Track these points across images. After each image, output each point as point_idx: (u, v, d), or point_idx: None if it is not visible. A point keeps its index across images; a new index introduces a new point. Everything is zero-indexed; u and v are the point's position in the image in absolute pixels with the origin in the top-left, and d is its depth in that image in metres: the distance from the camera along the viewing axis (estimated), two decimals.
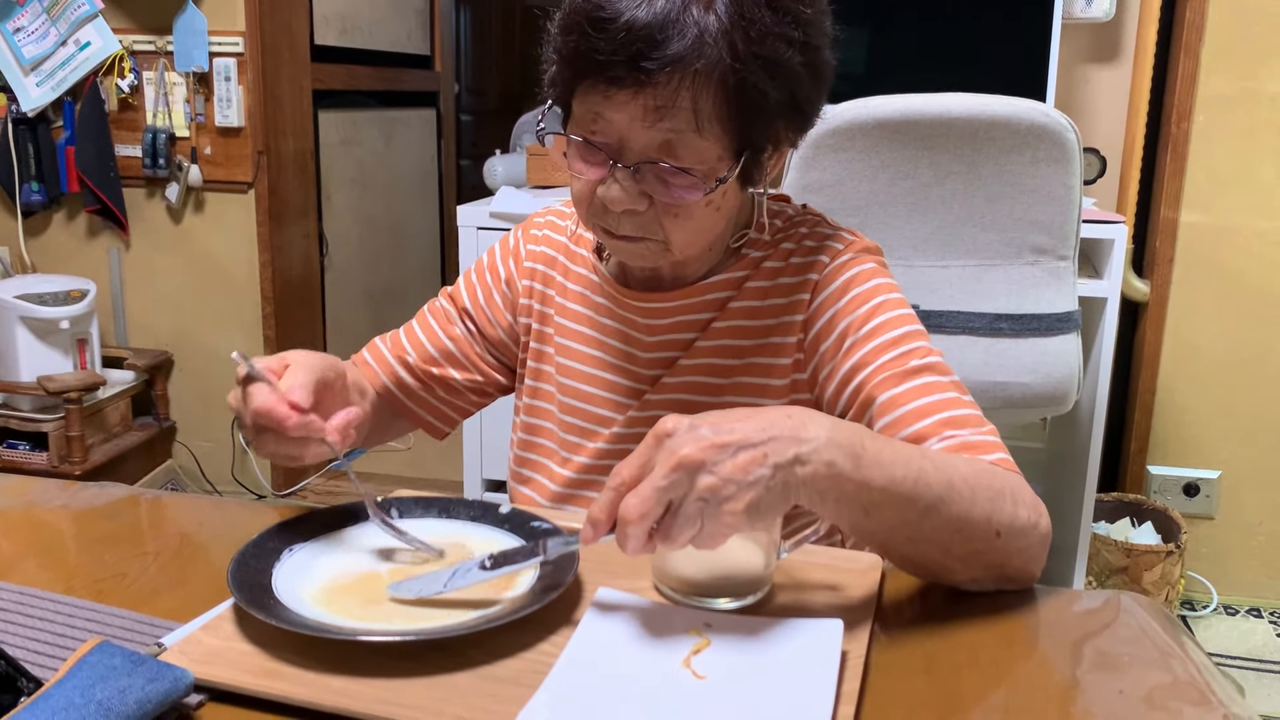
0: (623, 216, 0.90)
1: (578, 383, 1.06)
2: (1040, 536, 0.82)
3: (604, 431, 1.05)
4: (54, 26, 2.85)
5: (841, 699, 0.65)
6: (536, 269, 1.10)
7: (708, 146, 0.86)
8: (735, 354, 1.00)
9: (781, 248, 1.01)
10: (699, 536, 0.69)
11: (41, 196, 2.95)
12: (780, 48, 0.84)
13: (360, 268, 3.79)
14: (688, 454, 0.68)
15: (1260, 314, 2.41)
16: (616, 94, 0.84)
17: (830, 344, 0.96)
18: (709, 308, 1.01)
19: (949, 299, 1.76)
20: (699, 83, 0.83)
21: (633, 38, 0.81)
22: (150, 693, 0.62)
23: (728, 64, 0.82)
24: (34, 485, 1.06)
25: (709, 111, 0.84)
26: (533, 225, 1.14)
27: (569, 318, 1.07)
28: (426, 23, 4.27)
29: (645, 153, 0.87)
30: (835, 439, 0.72)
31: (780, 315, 0.99)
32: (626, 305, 1.03)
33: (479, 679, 0.68)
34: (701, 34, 0.81)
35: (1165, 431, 2.52)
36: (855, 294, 0.96)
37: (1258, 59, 2.32)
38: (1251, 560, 2.53)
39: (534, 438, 1.11)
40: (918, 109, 1.65)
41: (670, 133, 0.85)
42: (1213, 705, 0.68)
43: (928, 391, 0.89)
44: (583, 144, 0.89)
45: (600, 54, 0.82)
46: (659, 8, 0.81)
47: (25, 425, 2.74)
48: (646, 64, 0.81)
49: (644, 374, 1.03)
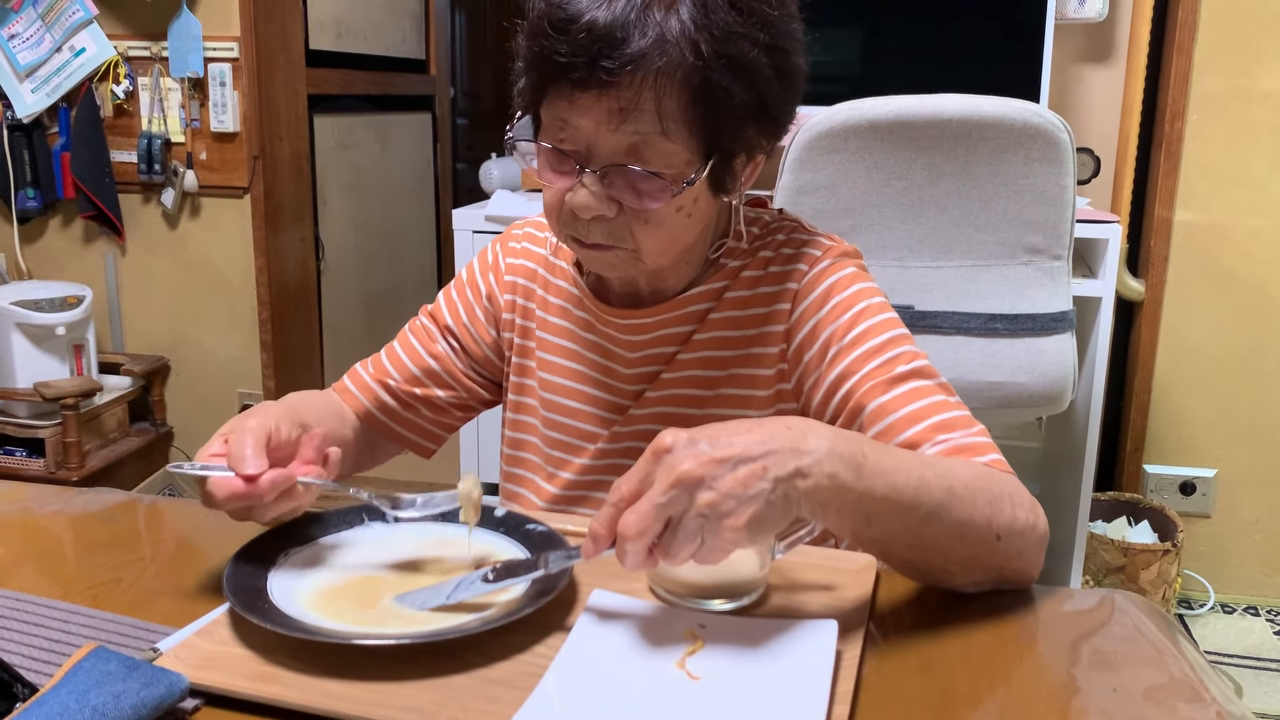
0: (592, 224, 0.89)
1: (561, 398, 1.05)
2: (1038, 537, 0.82)
3: (589, 447, 1.04)
4: (49, 33, 2.85)
5: (836, 699, 0.65)
6: (518, 283, 1.09)
7: (675, 150, 0.85)
8: (718, 365, 1.00)
9: (759, 256, 1.00)
10: (700, 552, 0.68)
11: (37, 202, 2.95)
12: (745, 48, 0.84)
13: (356, 272, 3.79)
14: (686, 470, 0.67)
15: (1255, 312, 2.42)
16: (580, 97, 0.84)
17: (814, 353, 0.95)
18: (689, 320, 1.00)
19: (944, 299, 1.77)
20: (661, 83, 0.82)
21: (593, 38, 0.81)
22: (146, 698, 0.63)
23: (691, 63, 0.82)
24: (30, 491, 1.06)
25: (674, 113, 0.84)
26: (510, 238, 1.12)
27: (551, 332, 1.06)
28: (422, 27, 4.27)
29: (613, 157, 0.86)
30: (837, 450, 0.72)
31: (761, 325, 0.99)
32: (607, 321, 1.02)
33: (474, 681, 0.68)
34: (663, 33, 0.81)
35: (1161, 430, 2.53)
36: (837, 301, 0.95)
37: (1250, 57, 2.33)
38: (1248, 558, 2.53)
39: (520, 453, 1.10)
40: (911, 110, 1.66)
41: (636, 135, 0.84)
42: (1206, 703, 0.68)
43: (916, 397, 0.89)
44: (551, 152, 0.88)
45: (562, 55, 0.82)
46: (619, 9, 0.81)
47: (22, 431, 2.74)
48: (607, 63, 0.81)
49: (627, 389, 1.03)
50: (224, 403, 3.08)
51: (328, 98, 3.47)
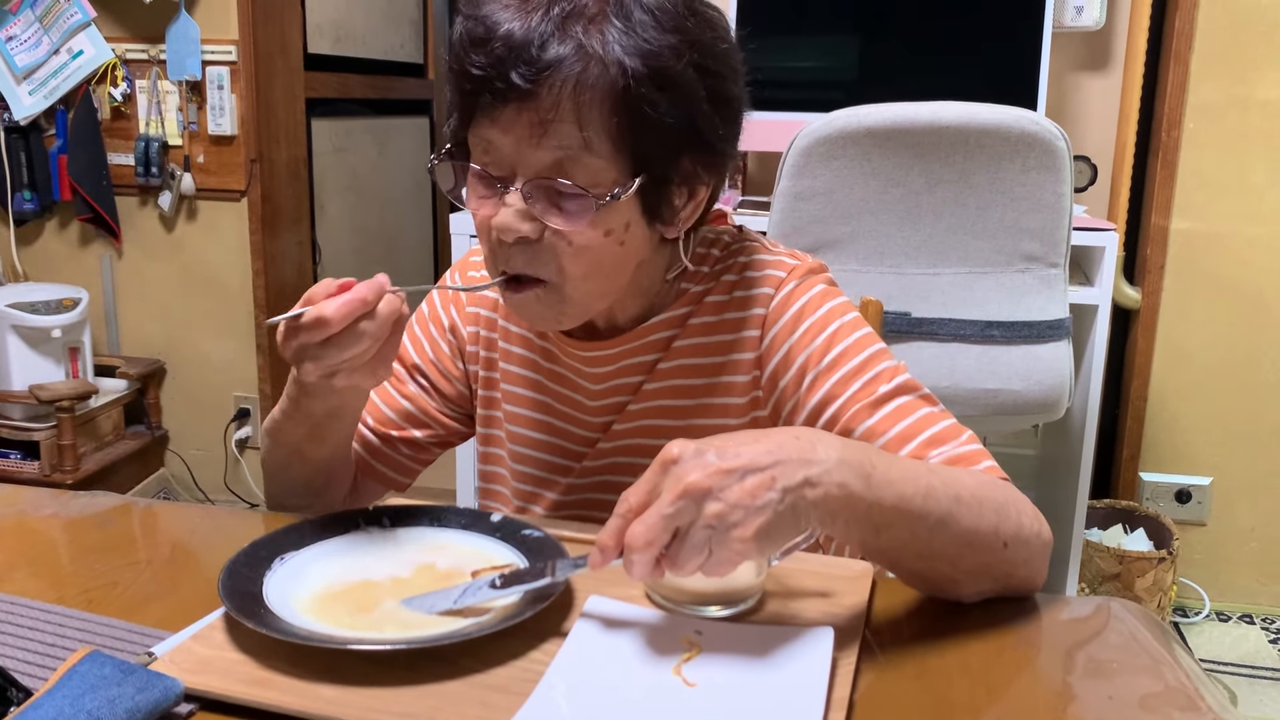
0: (514, 250, 0.86)
1: (527, 431, 1.04)
2: (1043, 544, 0.82)
3: (560, 481, 1.03)
4: (46, 35, 2.85)
5: (832, 706, 0.65)
6: (480, 313, 1.06)
7: (600, 165, 0.83)
8: (686, 394, 0.98)
9: (723, 280, 0.97)
10: (708, 563, 0.68)
11: (34, 205, 2.95)
12: (670, 61, 0.82)
13: (354, 275, 3.77)
14: (694, 480, 0.67)
15: (1251, 320, 2.42)
16: (501, 112, 0.82)
17: (790, 378, 0.93)
18: (653, 349, 0.98)
19: (940, 306, 1.77)
20: (580, 93, 0.81)
21: (509, 48, 0.80)
22: (140, 702, 0.62)
23: (612, 74, 0.81)
24: (25, 494, 1.06)
25: (597, 124, 0.82)
26: (469, 265, 1.09)
27: (514, 363, 1.04)
28: (420, 31, 4.28)
29: (537, 174, 0.84)
30: (846, 459, 0.71)
31: (729, 353, 0.97)
32: (569, 353, 0.99)
33: (470, 687, 0.68)
34: (581, 43, 0.80)
35: (1157, 438, 2.53)
36: (809, 324, 0.93)
37: (1247, 66, 2.33)
38: (1244, 566, 2.53)
39: (491, 485, 1.08)
40: (909, 117, 1.66)
41: (559, 150, 0.82)
42: (1201, 711, 0.68)
43: (903, 414, 0.88)
44: (478, 175, 0.87)
45: (479, 69, 0.81)
46: (534, 20, 0.80)
47: (17, 434, 2.74)
48: (524, 70, 0.80)
49: (594, 422, 1.01)
50: (220, 406, 3.07)
51: (326, 101, 3.48)
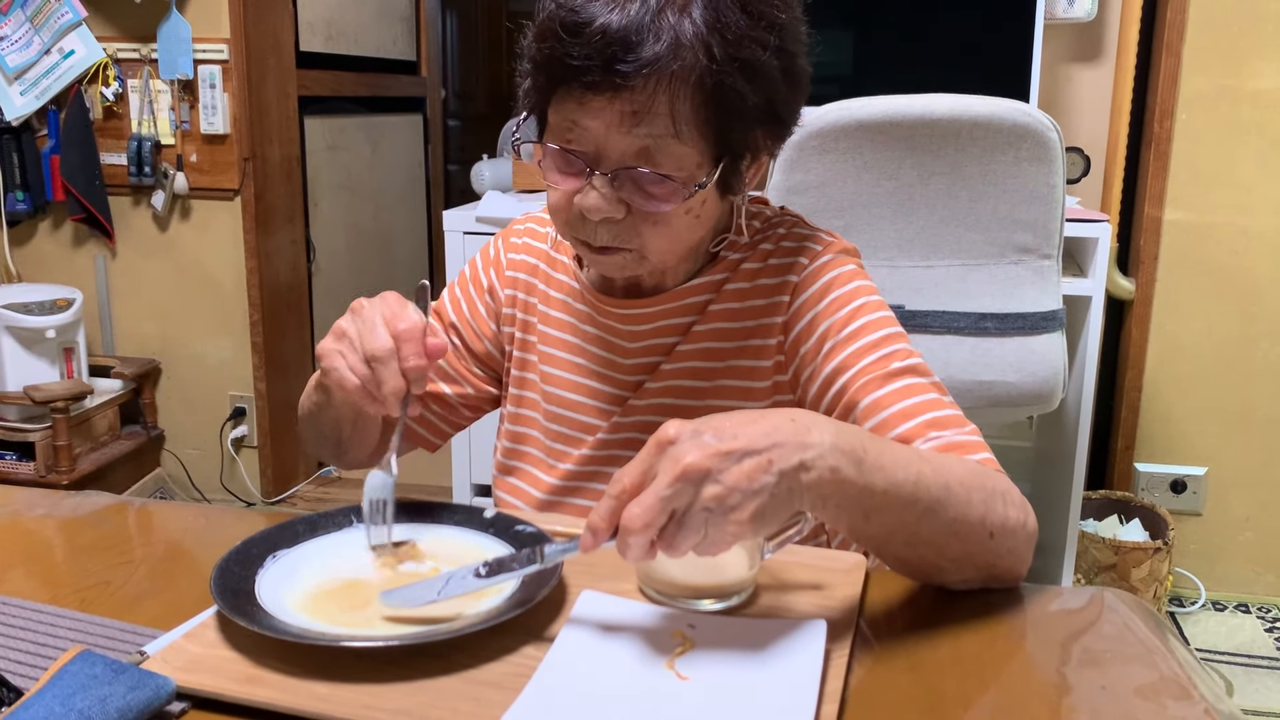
0: (600, 226, 0.89)
1: (562, 390, 1.06)
2: (1028, 536, 0.82)
3: (589, 438, 1.05)
4: (37, 35, 2.84)
5: (825, 699, 0.65)
6: (519, 278, 1.10)
7: (687, 152, 0.86)
8: (717, 357, 1.00)
9: (760, 249, 1.01)
10: (702, 544, 0.68)
11: (26, 205, 2.94)
12: (756, 51, 0.84)
13: (348, 274, 3.78)
14: (692, 462, 0.67)
15: (1244, 310, 2.42)
16: (592, 100, 0.84)
17: (810, 346, 0.96)
18: (689, 312, 1.01)
19: (934, 299, 1.77)
20: (675, 86, 0.82)
21: (607, 42, 0.81)
22: (132, 701, 0.62)
23: (705, 66, 0.82)
24: (18, 494, 1.06)
25: (687, 115, 0.84)
26: (512, 234, 1.13)
27: (552, 325, 1.07)
28: (413, 28, 4.26)
29: (623, 160, 0.86)
30: (840, 444, 0.72)
31: (760, 317, 0.99)
32: (607, 313, 1.02)
33: (462, 683, 0.68)
34: (677, 37, 0.81)
35: (1152, 429, 2.53)
36: (835, 296, 0.96)
37: (1239, 57, 2.33)
38: (1239, 556, 2.54)
39: (519, 445, 1.10)
40: (901, 110, 1.66)
41: (648, 138, 0.85)
42: (1195, 700, 0.68)
43: (911, 393, 0.89)
44: (559, 153, 0.88)
45: (575, 59, 0.82)
46: (633, 12, 0.81)
47: (12, 435, 2.73)
48: (622, 67, 0.81)
49: (627, 380, 1.03)
50: (215, 405, 3.07)
51: (318, 99, 3.47)
